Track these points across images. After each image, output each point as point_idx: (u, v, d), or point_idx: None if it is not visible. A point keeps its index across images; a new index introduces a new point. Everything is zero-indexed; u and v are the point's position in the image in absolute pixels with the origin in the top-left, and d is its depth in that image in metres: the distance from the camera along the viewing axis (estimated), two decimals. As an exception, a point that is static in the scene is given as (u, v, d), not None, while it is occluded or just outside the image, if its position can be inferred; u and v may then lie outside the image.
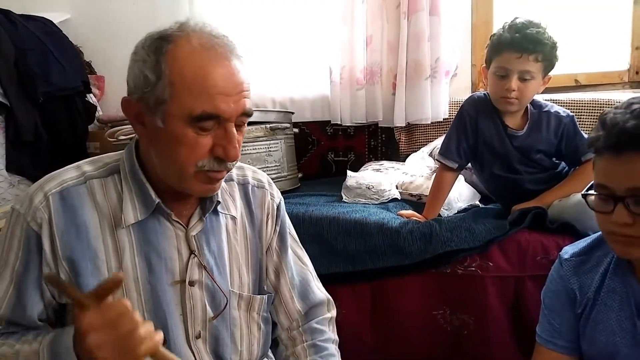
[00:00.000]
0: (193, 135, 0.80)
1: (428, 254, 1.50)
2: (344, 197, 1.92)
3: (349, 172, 2.01)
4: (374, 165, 2.25)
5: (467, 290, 1.50)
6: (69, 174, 0.89)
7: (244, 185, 1.04)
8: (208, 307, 0.93)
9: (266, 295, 1.04)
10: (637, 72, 2.22)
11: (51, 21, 2.39)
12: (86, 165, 0.91)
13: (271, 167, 2.06)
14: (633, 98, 0.92)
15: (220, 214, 0.97)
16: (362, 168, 2.27)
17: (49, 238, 0.84)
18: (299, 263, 1.12)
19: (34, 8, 2.40)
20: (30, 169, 2.12)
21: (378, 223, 1.59)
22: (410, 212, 1.70)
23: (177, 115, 0.80)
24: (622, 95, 2.09)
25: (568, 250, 1.12)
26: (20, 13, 2.24)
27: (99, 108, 2.53)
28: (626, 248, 0.92)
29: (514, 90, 1.49)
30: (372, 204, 1.84)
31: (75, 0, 2.69)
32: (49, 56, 2.21)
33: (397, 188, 1.95)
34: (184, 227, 0.92)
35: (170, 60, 0.79)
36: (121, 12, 2.64)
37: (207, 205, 0.93)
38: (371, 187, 1.90)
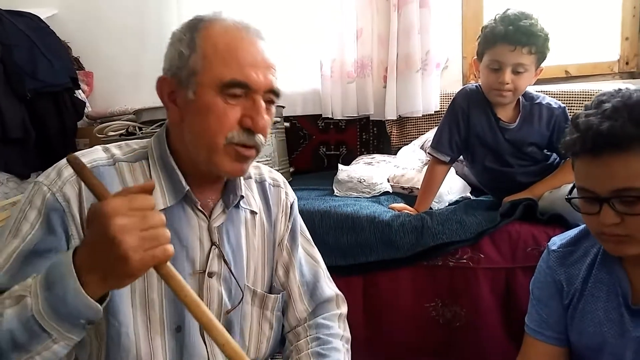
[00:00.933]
0: (222, 104, 0.83)
1: (419, 247, 1.50)
2: (335, 191, 1.92)
3: (340, 166, 2.01)
4: (365, 158, 2.25)
5: (459, 282, 1.51)
6: (98, 154, 0.88)
7: (261, 184, 1.05)
8: (225, 300, 0.93)
9: (280, 295, 1.03)
10: (627, 63, 2.22)
11: (38, 17, 2.37)
12: (114, 149, 0.91)
13: (262, 161, 2.05)
14: (601, 95, 0.92)
15: (241, 208, 0.97)
16: (353, 162, 2.26)
17: (78, 211, 0.82)
18: (311, 261, 1.11)
19: (20, 4, 2.37)
20: (19, 166, 2.10)
21: (370, 216, 1.59)
22: (401, 205, 1.69)
23: (207, 84, 0.82)
24: (613, 86, 2.09)
25: (556, 241, 1.12)
26: (7, 9, 2.21)
27: (87, 104, 2.52)
28: (618, 246, 0.91)
29: (507, 84, 1.48)
30: (364, 198, 1.83)
31: (62, -4, 2.67)
32: (36, 52, 2.19)
33: (388, 181, 1.95)
34: (207, 217, 0.92)
35: (204, 36, 0.84)
36: (109, 7, 2.62)
37: (232, 198, 0.94)
38: (363, 180, 1.89)
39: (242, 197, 0.96)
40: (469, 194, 1.87)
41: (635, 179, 0.84)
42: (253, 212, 1.00)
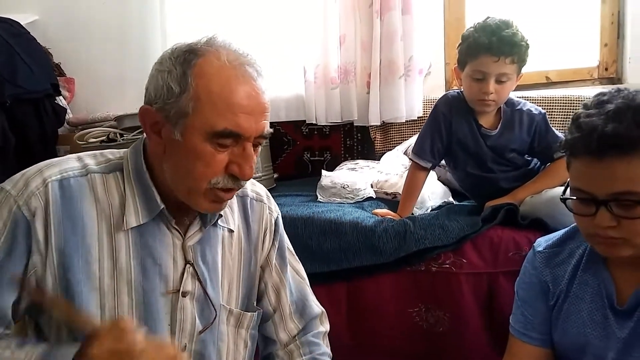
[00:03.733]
0: (211, 150, 0.80)
1: (402, 252, 1.50)
2: (319, 196, 1.91)
3: (323, 172, 2.00)
4: (349, 164, 2.25)
5: (442, 287, 1.51)
6: (70, 163, 0.85)
7: (242, 198, 1.02)
8: (197, 320, 0.91)
9: (256, 313, 1.02)
10: (606, 69, 2.26)
11: (18, 22, 2.33)
12: (88, 158, 0.88)
13: (246, 167, 2.04)
14: (601, 94, 0.90)
15: (218, 226, 0.95)
16: (337, 167, 2.26)
17: (43, 227, 0.79)
18: (297, 277, 1.10)
19: (0, 9, 2.34)
20: (-2, 173, 2.07)
21: (353, 222, 1.59)
22: (385, 210, 1.70)
23: (197, 129, 0.79)
24: (593, 92, 2.12)
25: (541, 242, 1.12)
26: (-14, 14, 2.18)
27: (69, 110, 2.49)
28: (611, 249, 0.91)
29: (491, 93, 1.49)
30: (347, 203, 1.83)
31: (43, 1, 2.65)
32: (16, 58, 2.16)
33: (372, 187, 1.95)
34: (182, 235, 0.89)
35: (197, 74, 0.79)
36: (91, 13, 2.60)
37: (209, 217, 0.92)
38: (346, 186, 1.89)
39: (221, 215, 0.93)
40: (451, 199, 1.88)
41: (635, 183, 0.83)
42: (230, 230, 0.98)
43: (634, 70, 2.17)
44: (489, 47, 1.46)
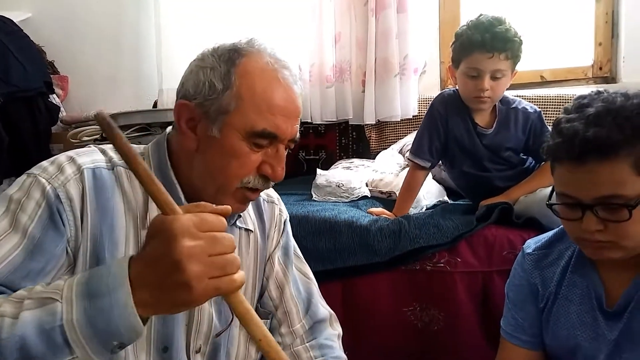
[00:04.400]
0: (247, 150, 0.81)
1: (397, 251, 1.50)
2: (314, 195, 1.91)
3: (318, 171, 2.00)
4: (344, 163, 2.25)
5: (437, 286, 1.51)
6: (97, 155, 0.83)
7: (256, 200, 1.01)
8: (215, 322, 0.90)
9: (269, 320, 1.01)
10: (600, 68, 2.27)
11: (11, 20, 2.32)
12: (110, 152, 0.85)
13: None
14: (581, 98, 0.90)
15: (236, 226, 0.94)
16: (332, 166, 2.26)
17: (80, 212, 0.77)
18: (304, 278, 1.09)
19: (-8, 7, 2.33)
20: (-9, 172, 2.05)
21: (348, 221, 1.58)
22: (380, 209, 1.70)
23: (236, 127, 0.80)
24: (587, 91, 2.12)
25: (531, 244, 1.12)
26: (-22, 12, 2.17)
27: (62, 109, 2.47)
28: (599, 252, 0.90)
29: (487, 90, 1.49)
30: (342, 202, 1.83)
31: (36, -2, 2.63)
32: (9, 56, 2.14)
33: (367, 186, 1.95)
34: None
35: (241, 73, 0.81)
36: (85, 10, 2.59)
37: (229, 216, 0.91)
38: (341, 185, 1.89)
39: (240, 216, 0.93)
40: (446, 198, 1.88)
41: (619, 186, 0.83)
42: (248, 230, 0.97)
43: (628, 69, 2.18)
44: (482, 44, 1.46)
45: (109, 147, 0.87)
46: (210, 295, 0.59)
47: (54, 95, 2.44)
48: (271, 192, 1.07)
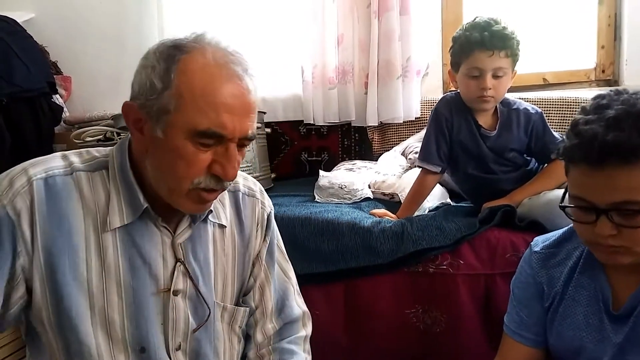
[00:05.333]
0: (193, 149, 0.78)
1: (400, 253, 1.50)
2: (316, 197, 1.91)
3: (321, 172, 2.00)
4: (346, 164, 2.25)
5: (439, 288, 1.51)
6: (55, 162, 0.84)
7: (234, 193, 1.00)
8: (191, 319, 0.90)
9: (248, 308, 1.01)
10: (603, 71, 2.26)
11: (15, 20, 2.32)
12: (73, 156, 0.86)
13: (243, 167, 2.03)
14: (600, 98, 0.87)
15: (209, 222, 0.93)
16: (335, 168, 2.26)
17: (29, 226, 0.78)
18: (283, 277, 1.08)
19: (-4, 7, 2.33)
20: (-6, 172, 2.05)
21: (350, 223, 1.58)
22: (382, 211, 1.70)
23: (179, 127, 0.77)
24: (590, 94, 2.13)
25: (539, 242, 1.11)
26: (-18, 12, 2.17)
27: (65, 109, 2.48)
28: (611, 256, 0.89)
29: (489, 89, 1.49)
30: (345, 204, 1.83)
31: (39, -1, 2.63)
32: (12, 56, 2.14)
33: (369, 187, 1.95)
34: (171, 233, 0.88)
35: (180, 71, 0.77)
36: (88, 11, 2.59)
37: (199, 213, 0.90)
38: (344, 186, 1.89)
39: (211, 211, 0.92)
40: (448, 200, 1.88)
41: (636, 192, 0.81)
42: (222, 226, 0.96)
43: (630, 72, 2.18)
44: (481, 43, 1.47)
45: (73, 152, 0.87)
46: None
47: (57, 96, 2.44)
48: (252, 184, 1.05)
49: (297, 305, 1.08)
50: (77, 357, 0.82)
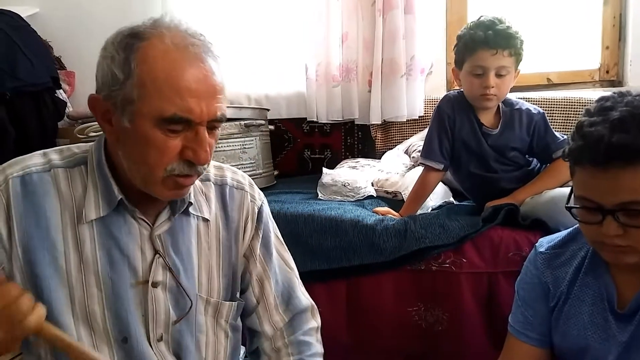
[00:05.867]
0: (162, 137, 0.78)
1: (403, 251, 1.50)
2: (319, 194, 1.91)
3: (324, 170, 2.01)
4: (349, 162, 2.25)
5: (441, 286, 1.51)
6: (34, 160, 0.85)
7: (221, 187, 0.99)
8: (171, 310, 0.90)
9: (236, 302, 0.99)
10: (607, 72, 2.26)
11: (19, 15, 2.33)
12: (53, 154, 0.87)
13: (246, 164, 2.04)
14: (604, 100, 0.89)
15: (191, 215, 0.93)
16: (338, 165, 2.26)
17: (5, 223, 0.80)
18: (285, 267, 1.07)
19: (0, 2, 2.33)
20: (-3, 166, 2.05)
21: (353, 220, 1.59)
22: (385, 209, 1.70)
23: (145, 116, 0.77)
24: (593, 94, 2.13)
25: (544, 243, 1.11)
26: (-14, 6, 2.17)
27: (69, 104, 2.48)
28: (617, 256, 0.90)
29: (492, 87, 1.50)
30: (348, 202, 1.83)
31: (44, -6, 2.63)
32: (17, 51, 2.15)
33: (372, 185, 1.95)
34: (149, 225, 0.88)
35: (140, 59, 0.76)
36: (92, 6, 2.59)
37: (178, 205, 0.89)
38: (347, 184, 1.89)
39: (191, 203, 0.91)
40: (451, 199, 1.88)
41: None
42: (206, 220, 0.95)
43: (635, 73, 2.18)
44: (485, 41, 1.47)
45: (53, 149, 0.88)
46: (13, 345, 0.68)
47: (61, 91, 2.44)
48: (241, 177, 1.03)
49: (304, 296, 1.08)
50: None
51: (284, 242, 1.10)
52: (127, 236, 0.86)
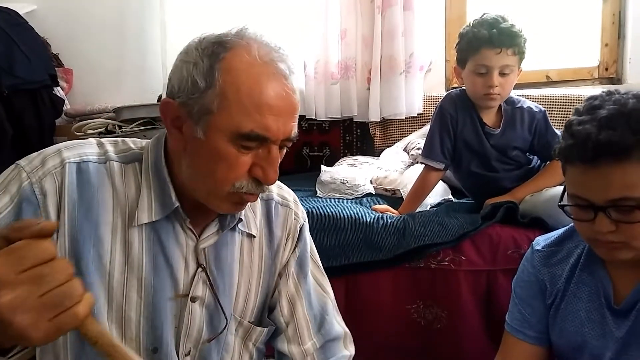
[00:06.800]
0: (234, 152, 0.74)
1: (401, 249, 1.50)
2: (318, 192, 1.91)
3: (323, 167, 2.00)
4: (348, 160, 2.25)
5: (440, 284, 1.51)
6: (90, 148, 0.81)
7: (267, 202, 0.95)
8: (205, 328, 0.86)
9: (267, 329, 0.95)
10: (606, 69, 2.26)
11: (17, 12, 2.32)
12: (108, 145, 0.83)
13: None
14: (592, 99, 0.90)
15: (237, 230, 0.89)
16: (336, 163, 2.26)
17: (55, 209, 0.75)
18: (320, 291, 1.01)
19: (-2, -1, 2.33)
20: (-5, 164, 2.05)
21: (352, 218, 1.58)
22: (384, 206, 1.70)
23: (221, 129, 0.73)
24: (593, 92, 2.12)
25: (540, 242, 1.12)
26: (-16, 3, 2.17)
27: (66, 101, 2.47)
28: (611, 252, 0.91)
29: (496, 86, 1.49)
30: (347, 199, 1.83)
31: (42, -9, 2.62)
32: (14, 48, 2.14)
33: (371, 183, 1.95)
34: (196, 236, 0.84)
35: (225, 69, 0.73)
36: (90, 4, 2.58)
37: (228, 220, 0.85)
38: (345, 182, 1.89)
39: (241, 220, 0.87)
40: (450, 197, 1.88)
41: (632, 189, 0.83)
42: (251, 235, 0.91)
43: (634, 71, 2.18)
44: (489, 40, 1.46)
45: (108, 140, 0.85)
46: (55, 335, 0.54)
47: (59, 88, 2.44)
48: (287, 193, 1.00)
49: (338, 323, 1.02)
50: (88, 349, 0.79)
51: (321, 266, 1.05)
52: (173, 244, 0.83)
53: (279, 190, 0.98)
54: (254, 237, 0.92)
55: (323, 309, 1.00)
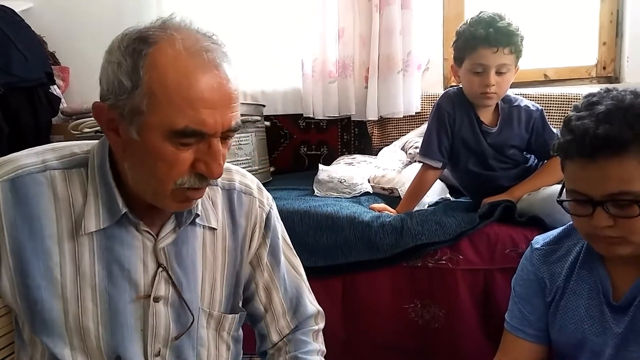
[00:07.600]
0: (172, 150, 0.72)
1: (399, 248, 1.50)
2: (315, 191, 1.91)
3: (320, 166, 2.00)
4: (346, 159, 2.25)
5: (438, 283, 1.51)
6: (28, 159, 0.78)
7: (228, 191, 0.93)
8: (172, 325, 0.85)
9: (238, 315, 0.95)
10: (604, 68, 2.26)
11: (13, 10, 2.31)
12: (50, 153, 0.80)
13: (242, 160, 2.03)
14: (591, 96, 0.91)
15: (197, 224, 0.87)
16: (334, 162, 2.26)
17: None
18: (293, 273, 1.03)
19: (-6, -4, 2.31)
20: (-10, 163, 2.04)
21: (350, 217, 1.58)
22: (382, 205, 1.69)
23: (155, 128, 0.70)
24: (590, 90, 2.12)
25: (539, 240, 1.13)
26: (-21, 1, 2.16)
27: (63, 100, 2.46)
28: (609, 247, 0.92)
29: (493, 85, 1.49)
30: (344, 198, 1.83)
31: (38, -11, 2.61)
32: (10, 46, 2.13)
33: (369, 182, 1.94)
34: (153, 237, 0.82)
35: (150, 67, 0.69)
36: (86, 2, 2.57)
37: (184, 217, 0.84)
38: (343, 180, 1.89)
39: (197, 215, 0.86)
40: (448, 196, 1.88)
41: (630, 183, 0.84)
42: (212, 229, 0.90)
43: (631, 69, 2.18)
44: (486, 39, 1.46)
45: (49, 147, 0.81)
46: None
47: (55, 86, 2.43)
48: (250, 181, 0.98)
49: (311, 303, 1.05)
50: None
51: (292, 246, 1.06)
52: (128, 249, 0.81)
53: (242, 178, 0.97)
54: (216, 229, 0.90)
55: (297, 291, 1.03)
